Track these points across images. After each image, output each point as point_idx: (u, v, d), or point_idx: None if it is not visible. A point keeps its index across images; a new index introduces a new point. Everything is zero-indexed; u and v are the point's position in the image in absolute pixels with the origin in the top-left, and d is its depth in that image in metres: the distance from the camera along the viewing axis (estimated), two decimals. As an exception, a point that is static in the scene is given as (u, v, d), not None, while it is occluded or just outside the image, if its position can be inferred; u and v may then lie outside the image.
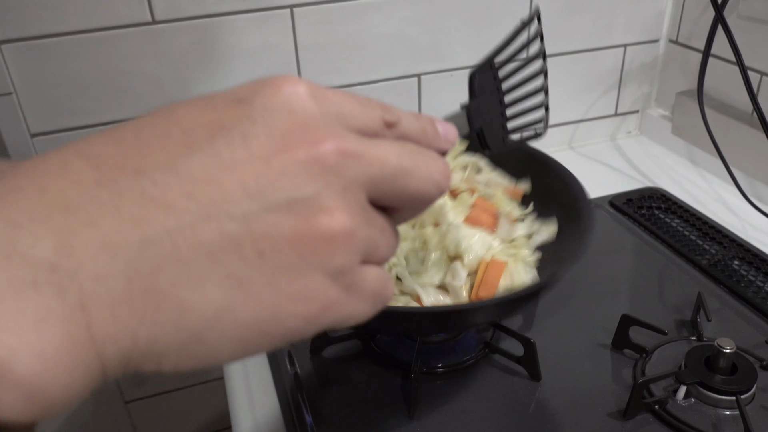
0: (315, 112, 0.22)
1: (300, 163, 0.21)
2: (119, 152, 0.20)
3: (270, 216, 0.20)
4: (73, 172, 0.19)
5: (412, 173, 0.24)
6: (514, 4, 0.88)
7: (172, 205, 0.19)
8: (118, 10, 0.73)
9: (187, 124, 0.21)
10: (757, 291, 0.67)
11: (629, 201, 0.84)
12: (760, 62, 0.83)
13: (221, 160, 0.20)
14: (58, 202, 0.19)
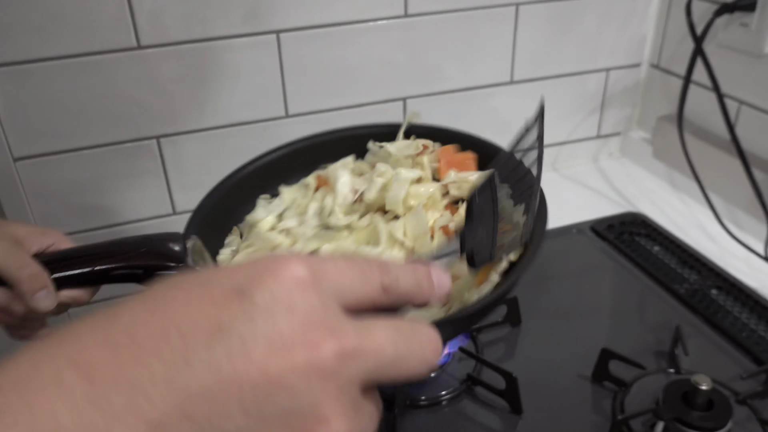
0: (315, 305, 0.22)
1: (299, 371, 0.21)
2: (114, 360, 0.20)
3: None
4: (66, 389, 0.19)
5: (407, 360, 0.24)
6: (498, 27, 0.89)
7: (166, 427, 0.19)
8: (103, 35, 0.73)
9: (185, 324, 0.21)
10: (733, 322, 0.68)
11: (610, 227, 0.85)
12: (738, 90, 0.85)
13: (219, 373, 0.20)
14: (49, 428, 0.18)
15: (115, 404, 0.19)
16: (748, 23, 0.79)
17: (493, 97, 0.94)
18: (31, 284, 0.47)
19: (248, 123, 0.83)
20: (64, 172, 0.78)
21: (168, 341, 0.20)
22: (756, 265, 0.78)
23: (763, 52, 0.79)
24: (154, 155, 0.81)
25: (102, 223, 0.83)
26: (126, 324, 0.21)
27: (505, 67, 0.92)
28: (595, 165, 1.06)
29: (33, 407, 0.18)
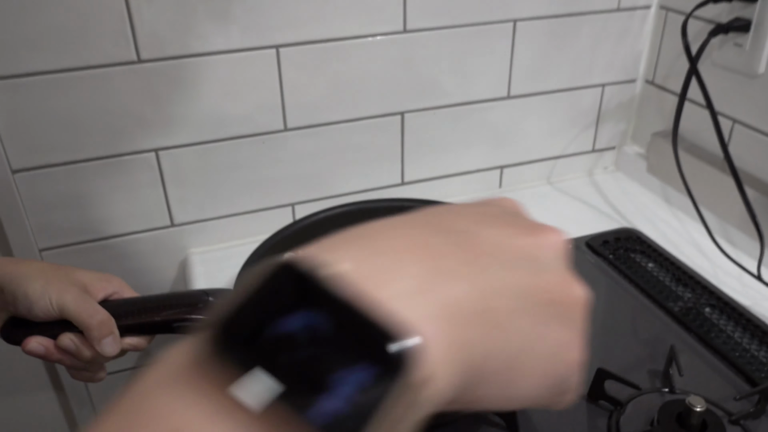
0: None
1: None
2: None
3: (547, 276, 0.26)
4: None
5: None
6: (496, 43, 0.90)
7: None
8: (103, 49, 0.73)
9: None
10: (726, 341, 0.69)
11: (606, 243, 0.86)
12: (732, 109, 0.86)
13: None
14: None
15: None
16: (742, 44, 0.80)
17: (490, 111, 0.95)
18: (100, 330, 0.51)
19: (247, 136, 0.84)
20: (62, 185, 0.78)
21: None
22: (749, 283, 0.80)
23: (757, 72, 0.80)
24: (152, 168, 0.81)
25: (99, 235, 0.83)
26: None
27: (502, 82, 0.93)
28: (590, 179, 1.06)
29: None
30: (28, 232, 0.79)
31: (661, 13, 0.95)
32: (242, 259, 0.87)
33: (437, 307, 0.21)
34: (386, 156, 0.92)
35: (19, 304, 0.51)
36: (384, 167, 0.93)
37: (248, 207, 0.89)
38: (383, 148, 0.91)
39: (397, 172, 0.94)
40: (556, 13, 0.90)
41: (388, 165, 0.93)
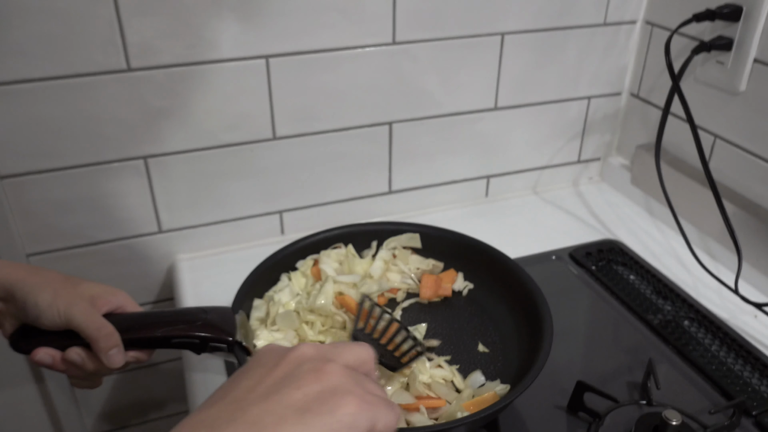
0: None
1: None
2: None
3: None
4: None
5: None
6: (484, 56, 0.91)
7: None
8: (93, 57, 0.73)
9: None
10: (704, 354, 0.71)
11: (588, 254, 0.88)
12: (713, 125, 0.87)
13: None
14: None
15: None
16: (724, 62, 0.82)
17: (477, 122, 0.96)
18: (107, 343, 0.53)
19: (236, 144, 0.84)
20: (50, 191, 0.79)
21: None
22: (727, 296, 0.81)
23: (738, 90, 0.82)
24: (141, 175, 0.82)
25: (87, 241, 0.83)
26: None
27: (489, 94, 0.94)
28: (575, 189, 1.08)
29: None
30: (15, 237, 0.79)
31: (646, 28, 0.97)
32: (230, 265, 0.88)
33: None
34: (374, 165, 0.93)
35: (28, 311, 0.53)
36: (372, 176, 0.94)
37: (236, 214, 0.89)
38: (371, 157, 0.92)
39: (384, 180, 0.95)
40: (544, 27, 0.92)
41: (376, 174, 0.94)
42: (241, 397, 0.35)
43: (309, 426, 0.33)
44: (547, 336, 0.62)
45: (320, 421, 0.34)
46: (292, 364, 0.37)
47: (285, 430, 0.33)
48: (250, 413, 0.33)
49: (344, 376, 0.37)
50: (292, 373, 0.37)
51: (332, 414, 0.34)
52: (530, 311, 0.68)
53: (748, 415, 0.63)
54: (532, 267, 0.74)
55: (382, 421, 0.37)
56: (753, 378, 0.68)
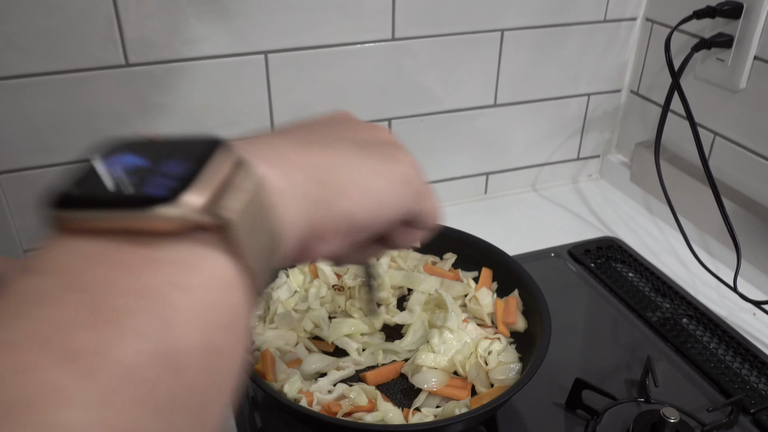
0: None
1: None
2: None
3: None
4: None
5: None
6: (483, 52, 0.90)
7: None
8: (90, 53, 0.73)
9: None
10: (702, 352, 0.71)
11: (587, 252, 0.87)
12: (713, 122, 0.87)
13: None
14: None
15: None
16: (724, 59, 0.82)
17: (476, 119, 0.96)
18: None
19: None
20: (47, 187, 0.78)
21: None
22: (725, 294, 0.81)
23: (738, 87, 0.82)
24: (139, 171, 0.81)
25: (85, 237, 0.83)
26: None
27: (489, 91, 0.94)
28: (574, 186, 1.08)
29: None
30: (12, 233, 0.79)
31: (646, 25, 0.97)
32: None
33: (270, 146, 0.28)
34: (373, 161, 0.93)
35: None
36: (371, 172, 0.94)
37: (235, 210, 0.89)
38: (370, 153, 0.92)
39: (383, 177, 0.95)
40: (544, 24, 0.91)
41: (375, 170, 0.94)
42: (286, 129, 0.31)
43: (367, 158, 0.30)
44: (546, 333, 0.62)
45: (379, 159, 0.31)
46: (348, 118, 0.35)
47: (341, 154, 0.29)
48: (300, 135, 0.30)
49: (402, 147, 0.34)
50: (348, 122, 0.34)
51: (393, 159, 0.32)
52: (529, 308, 0.68)
53: (746, 413, 0.63)
54: (530, 264, 0.74)
55: (431, 199, 0.35)
56: (751, 376, 0.68)
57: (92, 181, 0.22)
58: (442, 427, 0.55)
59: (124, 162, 0.22)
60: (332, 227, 0.28)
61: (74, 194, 0.21)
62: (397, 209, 0.32)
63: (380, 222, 0.31)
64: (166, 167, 0.21)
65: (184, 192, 0.20)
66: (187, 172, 0.21)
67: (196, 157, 0.22)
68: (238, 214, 0.21)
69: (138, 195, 0.21)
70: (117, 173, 0.22)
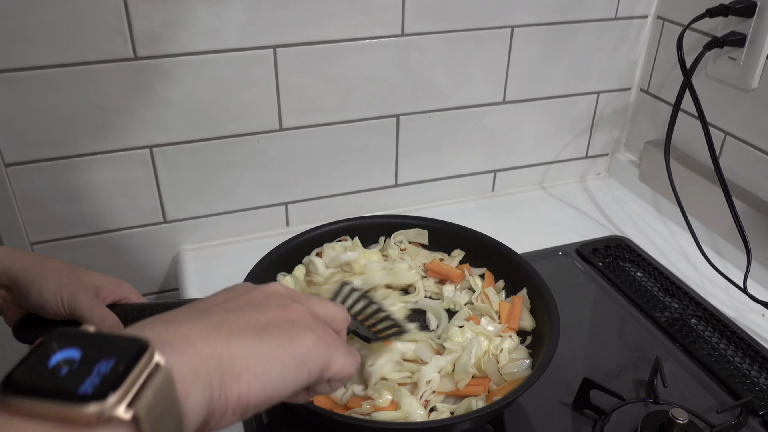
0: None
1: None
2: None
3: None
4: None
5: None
6: (493, 49, 0.90)
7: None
8: (99, 46, 0.72)
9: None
10: (711, 352, 0.70)
11: (595, 250, 0.87)
12: (724, 122, 0.87)
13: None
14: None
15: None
16: (736, 58, 0.81)
17: (485, 116, 0.95)
18: None
19: (241, 135, 0.84)
20: (55, 179, 0.78)
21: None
22: (735, 295, 0.81)
23: (750, 86, 0.81)
24: (146, 164, 0.81)
25: (92, 230, 0.83)
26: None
27: (498, 88, 0.94)
28: (583, 184, 1.07)
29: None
30: (20, 225, 0.79)
31: (657, 23, 0.96)
32: (234, 256, 0.88)
33: (181, 332, 0.32)
34: (381, 157, 0.93)
35: (31, 300, 0.52)
36: (378, 169, 0.93)
37: (241, 205, 0.89)
38: (378, 149, 0.92)
39: (391, 173, 0.95)
40: (554, 21, 0.91)
41: (383, 166, 0.93)
42: (205, 308, 0.36)
43: (264, 343, 0.34)
44: (554, 332, 0.61)
45: (276, 343, 0.35)
46: (261, 294, 0.39)
47: (241, 340, 0.33)
48: (212, 318, 0.34)
49: (308, 316, 0.38)
50: (259, 301, 0.38)
51: (290, 341, 0.35)
52: (537, 307, 0.68)
53: (755, 415, 0.63)
54: (538, 262, 0.73)
55: (338, 363, 0.38)
56: (760, 377, 0.67)
57: (37, 368, 0.26)
58: (450, 426, 0.55)
59: (63, 355, 0.27)
60: (227, 409, 0.32)
61: (21, 380, 0.26)
62: (291, 387, 0.35)
63: (273, 401, 0.35)
64: (98, 365, 0.26)
65: (111, 393, 0.25)
66: (114, 373, 0.26)
67: (124, 359, 0.27)
68: (148, 410, 0.26)
69: (73, 392, 0.25)
70: (58, 365, 0.26)
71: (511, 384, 0.60)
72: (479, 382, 0.61)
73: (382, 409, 0.57)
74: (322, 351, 0.37)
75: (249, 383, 0.33)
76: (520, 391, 0.55)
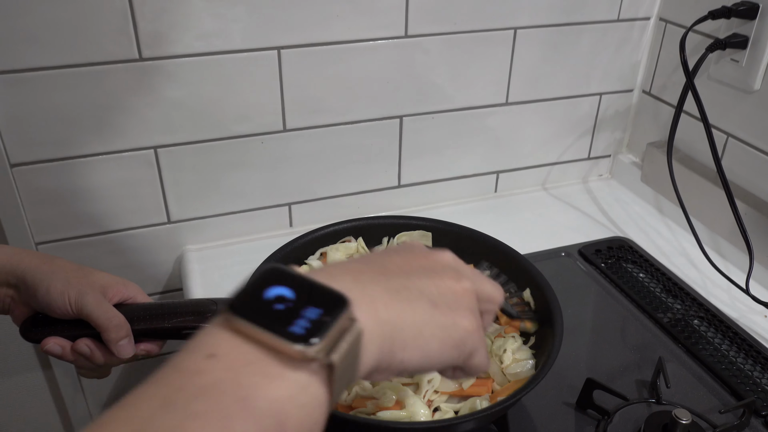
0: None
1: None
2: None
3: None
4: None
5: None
6: (496, 50, 0.90)
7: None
8: (105, 47, 0.73)
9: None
10: (713, 353, 0.71)
11: (598, 251, 0.87)
12: (727, 123, 0.87)
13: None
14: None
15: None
16: (739, 60, 0.81)
17: (488, 117, 0.95)
18: (117, 333, 0.53)
19: (245, 136, 0.84)
20: (60, 180, 0.79)
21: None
22: (737, 296, 0.81)
23: (753, 88, 0.81)
24: (151, 165, 0.82)
25: (96, 230, 0.83)
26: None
27: (501, 89, 0.94)
28: (585, 186, 1.07)
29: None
30: (25, 225, 0.79)
31: (660, 24, 0.96)
32: (238, 257, 0.88)
33: (366, 294, 0.35)
34: (384, 159, 0.93)
35: (39, 299, 0.53)
36: (381, 170, 0.94)
37: (245, 206, 0.89)
38: (381, 150, 0.92)
39: (394, 174, 0.95)
40: (557, 22, 0.91)
41: (386, 168, 0.94)
42: (387, 268, 0.38)
43: (433, 320, 0.37)
44: (558, 333, 0.61)
45: (442, 323, 0.37)
46: (437, 263, 0.40)
47: (415, 313, 0.36)
48: (393, 282, 0.36)
49: (473, 296, 0.40)
50: (435, 270, 0.39)
51: (454, 324, 0.38)
52: (540, 308, 0.68)
53: (758, 415, 0.63)
54: (541, 263, 0.74)
55: (480, 355, 0.41)
56: (763, 378, 0.67)
57: (256, 299, 0.30)
58: (453, 426, 0.55)
59: (278, 291, 0.30)
60: (387, 369, 0.35)
61: (240, 306, 0.29)
62: (442, 364, 0.39)
63: (425, 371, 0.39)
64: (306, 311, 0.30)
65: (316, 338, 0.28)
66: (320, 320, 0.29)
67: (329, 310, 0.30)
68: (340, 359, 0.29)
69: (285, 328, 0.28)
70: (273, 300, 0.30)
71: (514, 384, 0.61)
72: (483, 382, 0.62)
73: (386, 409, 0.57)
74: (476, 338, 0.39)
75: (412, 354, 0.35)
76: (523, 391, 0.55)
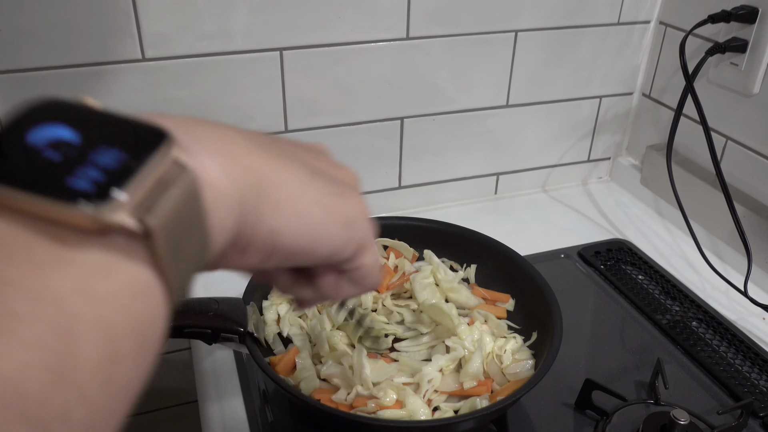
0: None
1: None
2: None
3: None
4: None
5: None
6: (497, 53, 0.91)
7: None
8: (108, 46, 0.73)
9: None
10: (712, 355, 0.71)
11: (597, 253, 0.88)
12: (726, 127, 0.87)
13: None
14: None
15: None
16: (738, 63, 0.82)
17: (488, 119, 0.96)
18: None
19: (248, 136, 0.84)
20: None
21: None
22: (735, 298, 0.81)
23: (752, 92, 0.82)
24: (153, 165, 0.82)
25: (98, 230, 0.84)
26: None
27: (501, 91, 0.94)
28: (585, 188, 1.08)
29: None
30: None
31: (660, 28, 0.97)
32: (239, 257, 0.88)
33: (215, 135, 0.25)
34: (384, 160, 0.93)
35: None
36: (382, 171, 0.94)
37: (246, 206, 0.90)
38: (382, 152, 0.92)
39: (394, 176, 0.95)
40: (557, 25, 0.92)
41: (386, 169, 0.94)
42: (246, 130, 0.29)
43: (314, 182, 0.28)
44: (557, 334, 0.62)
45: (328, 190, 0.29)
46: (314, 147, 0.33)
47: (288, 168, 0.27)
48: (258, 139, 0.28)
49: (359, 183, 0.33)
50: (314, 150, 0.33)
51: (342, 198, 0.30)
52: (539, 309, 0.68)
53: (756, 417, 0.63)
54: (540, 265, 0.74)
55: (372, 254, 0.32)
56: (761, 380, 0.68)
57: (15, 149, 0.19)
58: (453, 425, 0.56)
59: (53, 133, 0.19)
60: (255, 243, 0.26)
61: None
62: (326, 249, 0.29)
63: (304, 254, 0.28)
64: (97, 155, 0.19)
65: (112, 191, 0.18)
66: (120, 166, 0.19)
67: (134, 150, 0.19)
68: (165, 221, 0.20)
69: (60, 185, 0.18)
70: (43, 147, 0.19)
71: (514, 384, 0.61)
72: (483, 382, 0.62)
73: (387, 408, 0.57)
74: (369, 228, 0.31)
75: (287, 218, 0.26)
76: (523, 391, 0.56)
